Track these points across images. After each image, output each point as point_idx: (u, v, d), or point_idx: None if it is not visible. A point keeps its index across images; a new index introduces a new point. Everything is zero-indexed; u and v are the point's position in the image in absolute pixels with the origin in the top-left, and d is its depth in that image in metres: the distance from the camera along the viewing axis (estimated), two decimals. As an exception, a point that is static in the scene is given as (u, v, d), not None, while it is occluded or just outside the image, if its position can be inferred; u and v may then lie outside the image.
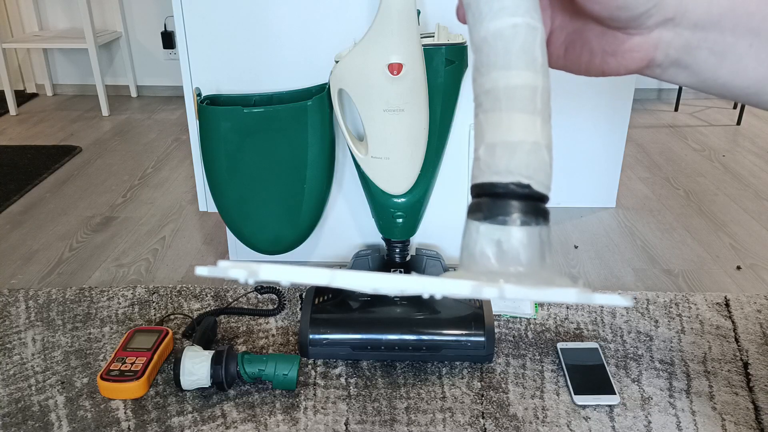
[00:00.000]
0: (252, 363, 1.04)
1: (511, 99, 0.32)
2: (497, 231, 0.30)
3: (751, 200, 1.80)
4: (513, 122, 0.31)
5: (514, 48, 0.32)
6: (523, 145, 0.31)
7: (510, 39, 0.32)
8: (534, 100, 0.32)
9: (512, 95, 0.32)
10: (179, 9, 1.17)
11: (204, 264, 1.48)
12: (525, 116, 0.31)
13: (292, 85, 1.22)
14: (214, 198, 1.20)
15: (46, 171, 2.03)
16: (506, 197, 0.31)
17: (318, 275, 0.27)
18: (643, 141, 2.26)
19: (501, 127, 0.31)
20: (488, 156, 0.31)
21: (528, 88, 0.32)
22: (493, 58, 0.32)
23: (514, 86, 0.32)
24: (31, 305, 1.30)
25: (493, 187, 0.31)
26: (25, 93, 3.01)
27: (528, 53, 0.32)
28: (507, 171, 0.31)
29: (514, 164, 0.31)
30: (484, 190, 0.31)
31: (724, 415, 1.01)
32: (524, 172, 0.31)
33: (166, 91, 2.99)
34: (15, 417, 1.01)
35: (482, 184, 0.31)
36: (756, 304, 1.28)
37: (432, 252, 1.26)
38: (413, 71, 1.02)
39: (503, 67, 0.32)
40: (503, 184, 0.31)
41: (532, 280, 0.29)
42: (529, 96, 0.32)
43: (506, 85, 0.32)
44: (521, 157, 0.31)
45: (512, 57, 0.32)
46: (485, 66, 0.33)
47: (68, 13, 2.91)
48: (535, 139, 0.31)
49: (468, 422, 0.99)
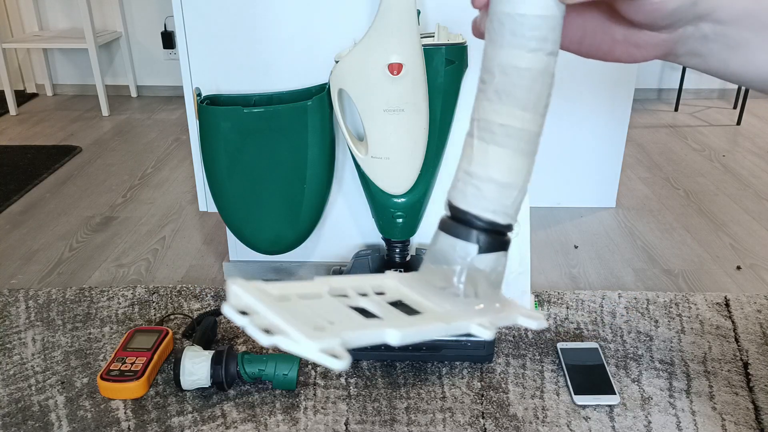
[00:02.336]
0: (252, 363, 1.04)
1: (522, 141, 0.33)
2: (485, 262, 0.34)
3: (751, 200, 1.80)
4: (519, 165, 0.34)
5: (540, 92, 0.33)
6: (521, 190, 0.34)
7: (536, 80, 0.33)
8: (537, 144, 0.34)
9: (523, 137, 0.33)
10: (179, 9, 1.17)
11: (203, 265, 1.48)
12: (528, 160, 0.34)
13: (292, 85, 1.22)
14: (214, 198, 1.20)
15: (46, 171, 2.03)
16: (472, 227, 0.34)
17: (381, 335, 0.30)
18: (643, 141, 2.26)
19: (485, 160, 0.34)
20: (465, 183, 0.34)
21: (536, 135, 0.34)
22: (518, 93, 0.33)
23: (527, 131, 0.33)
24: (31, 305, 1.30)
25: (463, 213, 0.34)
26: (25, 93, 3.01)
27: (546, 98, 0.33)
28: (505, 213, 0.34)
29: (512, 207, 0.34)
30: (456, 213, 0.34)
31: (724, 415, 1.01)
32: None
33: (166, 91, 2.99)
34: (15, 417, 1.01)
35: (455, 206, 0.34)
36: (756, 304, 1.28)
37: (432, 252, 1.26)
38: (413, 71, 1.02)
39: (524, 108, 0.33)
40: (501, 225, 0.34)
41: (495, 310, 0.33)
42: (534, 141, 0.34)
43: (521, 128, 0.33)
44: (518, 200, 0.34)
45: (535, 100, 0.33)
46: (492, 92, 0.33)
47: (68, 13, 2.91)
48: (526, 183, 0.34)
49: (468, 422, 0.99)
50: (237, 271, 1.42)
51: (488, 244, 0.33)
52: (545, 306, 1.27)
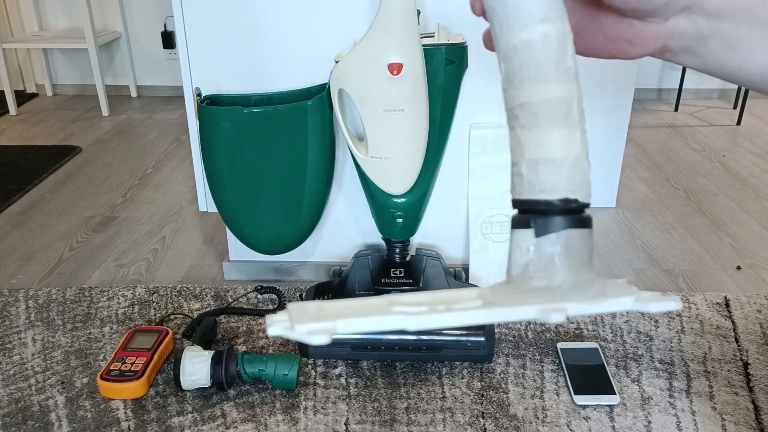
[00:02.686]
0: (252, 363, 1.04)
1: (550, 114, 0.32)
2: (547, 243, 0.31)
3: (751, 200, 1.80)
4: (553, 138, 0.32)
5: (548, 60, 0.32)
6: (566, 162, 0.31)
7: (542, 51, 0.32)
8: (571, 112, 0.32)
9: (550, 110, 0.32)
10: (179, 9, 1.17)
11: (203, 265, 1.48)
12: (564, 131, 0.32)
13: (292, 85, 1.22)
14: (214, 198, 1.20)
15: (46, 171, 2.03)
16: (553, 213, 0.31)
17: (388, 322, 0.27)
18: (643, 141, 2.26)
19: (542, 144, 0.32)
20: (531, 173, 0.32)
21: (565, 102, 0.32)
22: (525, 71, 0.32)
23: (551, 101, 0.32)
24: (31, 305, 1.30)
25: (538, 204, 0.31)
26: (25, 93, 3.01)
27: (561, 64, 0.32)
28: (552, 189, 0.31)
29: (558, 182, 0.31)
30: (530, 207, 0.32)
31: (724, 415, 1.01)
32: (569, 188, 0.31)
33: (166, 91, 2.99)
34: (15, 417, 1.01)
35: (527, 200, 0.32)
36: (756, 304, 1.28)
37: (432, 252, 1.26)
38: (413, 71, 1.02)
39: (538, 80, 0.32)
40: (549, 201, 0.31)
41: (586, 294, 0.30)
42: (566, 109, 0.32)
43: (543, 100, 0.32)
44: (565, 174, 0.31)
45: (547, 70, 0.32)
46: (518, 78, 0.32)
47: (68, 13, 2.91)
48: (576, 153, 0.32)
49: (468, 422, 0.99)
50: (237, 271, 1.42)
51: (543, 225, 0.31)
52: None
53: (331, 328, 0.27)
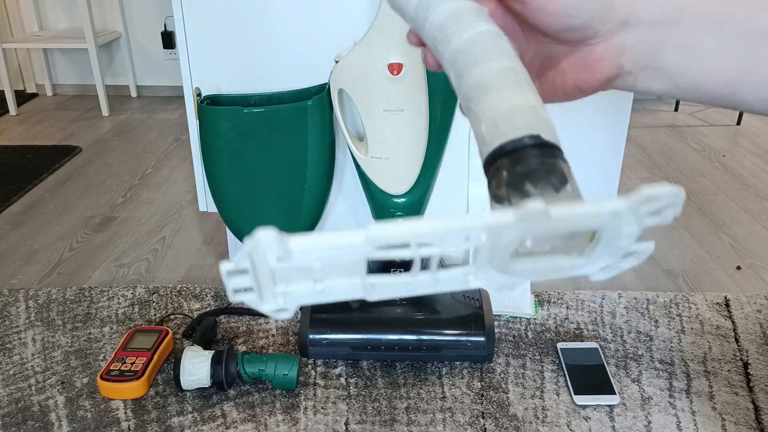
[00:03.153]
0: (252, 363, 1.04)
1: (498, 81, 0.34)
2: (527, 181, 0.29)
3: (751, 200, 1.80)
4: (505, 96, 0.33)
5: (487, 44, 0.35)
6: (521, 108, 0.32)
7: (481, 40, 0.35)
8: (518, 78, 0.34)
9: (497, 78, 0.34)
10: (179, 9, 1.17)
11: (203, 265, 1.48)
12: (515, 90, 0.33)
13: (292, 85, 1.22)
14: (214, 198, 1.20)
15: (46, 171, 2.03)
16: (521, 150, 0.30)
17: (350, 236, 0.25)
18: (643, 141, 2.26)
19: (496, 104, 0.32)
20: (492, 128, 0.31)
21: (508, 69, 0.34)
22: (471, 59, 0.35)
23: (496, 70, 0.34)
24: (31, 305, 1.30)
25: (504, 147, 0.30)
26: (25, 93, 3.01)
27: (500, 47, 0.35)
28: (513, 129, 0.30)
29: (517, 123, 0.31)
30: (497, 155, 0.30)
31: (724, 415, 1.01)
32: (529, 126, 0.31)
33: (166, 91, 2.99)
34: (15, 417, 1.01)
35: (493, 151, 0.30)
36: (756, 304, 1.28)
37: (432, 252, 1.26)
38: (413, 71, 1.02)
39: (481, 61, 0.35)
40: (514, 139, 0.30)
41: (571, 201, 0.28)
42: (512, 76, 0.34)
43: (489, 72, 0.34)
44: (522, 116, 0.31)
45: (487, 51, 0.35)
46: (465, 68, 0.35)
47: (68, 13, 2.91)
48: (529, 103, 0.32)
49: (468, 422, 0.99)
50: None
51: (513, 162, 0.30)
52: (545, 306, 1.27)
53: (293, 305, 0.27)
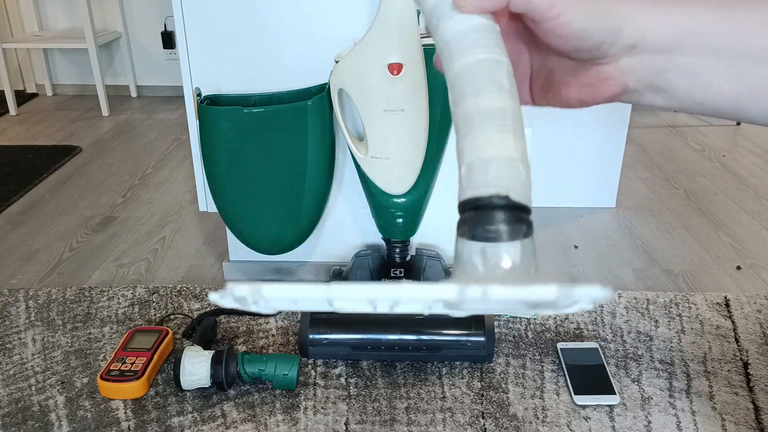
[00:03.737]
0: (252, 363, 1.04)
1: (483, 120, 0.34)
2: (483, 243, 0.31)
3: (751, 200, 1.80)
4: (486, 140, 0.33)
5: (482, 77, 0.35)
6: (497, 160, 0.32)
7: (477, 70, 0.35)
8: (504, 119, 0.34)
9: (483, 117, 0.34)
10: (179, 9, 1.17)
11: (203, 265, 1.48)
12: (497, 134, 0.33)
13: (292, 85, 1.22)
14: (214, 198, 1.20)
15: (46, 171, 2.04)
16: (488, 209, 0.32)
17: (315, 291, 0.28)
18: (643, 141, 2.26)
19: (476, 147, 0.33)
20: (467, 174, 0.33)
21: (497, 110, 0.34)
22: (464, 89, 0.35)
23: (483, 109, 0.34)
24: (31, 305, 1.30)
25: (475, 201, 0.32)
26: (25, 93, 3.01)
27: (493, 80, 0.35)
28: (485, 185, 0.32)
29: (490, 178, 0.32)
30: (468, 206, 0.33)
31: (724, 415, 1.01)
32: (501, 184, 0.32)
33: (166, 91, 2.99)
34: (15, 417, 1.01)
35: (465, 201, 0.33)
36: (756, 304, 1.28)
37: (432, 252, 1.26)
38: (413, 71, 1.02)
39: (473, 93, 0.35)
40: (484, 197, 0.32)
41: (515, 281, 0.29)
42: (498, 116, 0.34)
43: (477, 109, 0.34)
44: (497, 170, 0.32)
45: (480, 84, 0.35)
46: (459, 97, 0.36)
47: (68, 13, 2.91)
48: (508, 155, 0.33)
49: (468, 422, 0.99)
50: (237, 271, 1.42)
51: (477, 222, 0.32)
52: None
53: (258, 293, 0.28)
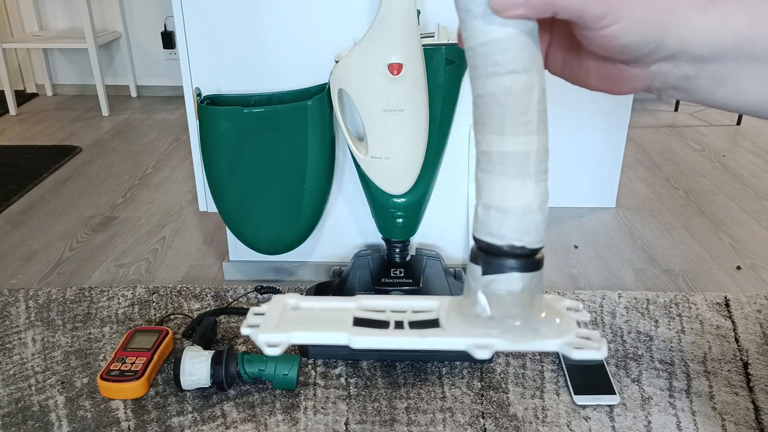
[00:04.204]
0: (252, 363, 1.04)
1: (504, 164, 0.33)
2: (493, 283, 0.34)
3: (751, 200, 1.80)
4: (506, 188, 0.33)
5: (508, 113, 0.33)
6: (514, 212, 0.33)
7: (503, 103, 0.32)
8: (527, 164, 0.33)
9: (505, 161, 0.33)
10: (179, 9, 1.17)
11: (203, 265, 1.48)
12: (517, 182, 0.33)
13: (292, 85, 1.22)
14: (214, 198, 1.20)
15: (46, 171, 2.04)
16: (501, 256, 0.34)
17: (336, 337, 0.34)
18: (643, 141, 2.26)
19: (494, 191, 0.34)
20: (485, 216, 0.34)
21: (520, 154, 0.33)
22: (488, 120, 0.33)
23: (506, 152, 0.33)
24: (31, 305, 1.30)
25: (489, 246, 0.34)
26: (25, 93, 3.01)
27: (521, 116, 0.33)
28: (500, 235, 0.34)
29: (506, 229, 0.33)
30: (482, 247, 0.34)
31: (724, 415, 1.01)
32: (516, 236, 0.33)
33: (166, 91, 2.99)
34: (15, 417, 1.01)
35: (480, 240, 0.35)
36: (756, 304, 1.28)
37: (432, 252, 1.26)
38: (413, 71, 1.02)
39: (497, 132, 0.33)
40: (497, 245, 0.34)
41: (520, 331, 0.34)
42: (520, 162, 0.33)
43: (499, 151, 0.33)
44: (512, 223, 0.33)
45: (506, 122, 0.33)
46: (481, 125, 0.34)
47: (68, 13, 2.91)
48: (525, 205, 0.33)
49: (468, 422, 0.99)
50: (237, 271, 1.42)
51: (489, 265, 0.34)
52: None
53: (285, 341, 0.33)
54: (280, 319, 0.35)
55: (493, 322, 0.34)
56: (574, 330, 0.33)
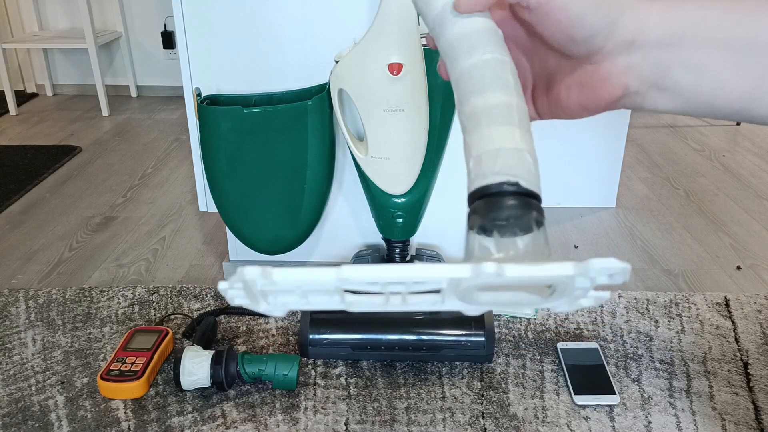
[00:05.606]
0: (252, 363, 1.04)
1: (489, 116, 0.35)
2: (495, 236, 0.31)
3: (751, 200, 1.80)
4: (493, 134, 0.34)
5: (487, 75, 0.36)
6: (505, 150, 0.33)
7: (482, 69, 0.36)
8: (510, 114, 0.35)
9: (489, 112, 0.35)
10: (179, 9, 1.17)
11: (203, 265, 1.48)
12: (504, 127, 0.35)
13: (292, 85, 1.22)
14: (214, 198, 1.20)
15: (46, 171, 2.03)
16: (498, 195, 0.32)
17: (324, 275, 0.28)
18: (643, 141, 2.26)
19: (484, 140, 0.35)
20: (476, 166, 0.34)
21: (503, 105, 0.35)
22: (470, 87, 0.36)
23: (490, 105, 0.35)
24: (31, 305, 1.30)
25: (484, 189, 0.32)
26: (25, 93, 3.01)
27: (499, 78, 0.36)
28: (493, 173, 0.32)
29: (499, 166, 0.33)
30: (477, 195, 0.33)
31: (724, 415, 1.01)
32: (510, 172, 0.32)
33: (166, 91, 2.99)
34: (15, 417, 1.01)
35: (474, 190, 0.33)
36: (756, 304, 1.28)
37: (432, 252, 1.26)
38: (413, 71, 1.02)
39: (479, 91, 0.36)
40: (493, 185, 0.32)
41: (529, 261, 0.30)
42: (505, 111, 0.35)
43: (483, 105, 0.35)
44: (505, 160, 0.33)
45: (486, 81, 0.36)
46: (464, 95, 0.37)
47: (68, 13, 2.91)
48: (515, 145, 0.34)
49: (468, 422, 0.99)
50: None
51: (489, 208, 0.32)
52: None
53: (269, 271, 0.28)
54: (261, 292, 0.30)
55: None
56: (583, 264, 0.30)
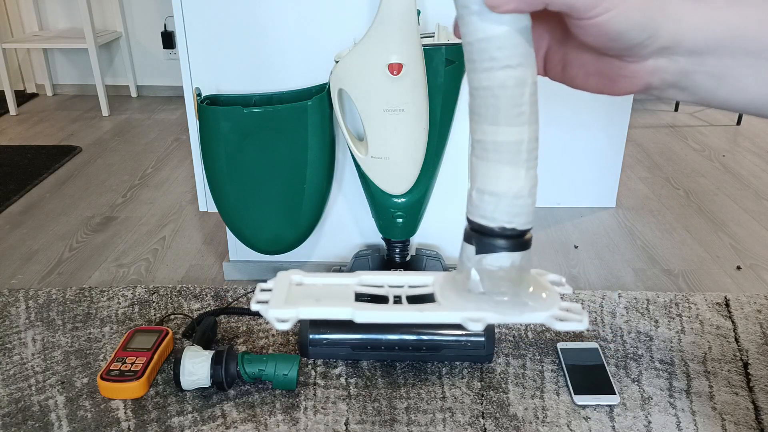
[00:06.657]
0: (252, 363, 1.04)
1: (498, 152, 0.36)
2: (485, 261, 0.37)
3: (751, 200, 1.80)
4: (499, 174, 0.36)
5: (502, 105, 0.35)
6: (506, 196, 0.36)
7: (498, 96, 0.35)
8: (519, 152, 0.36)
9: (498, 149, 0.36)
10: (179, 9, 1.17)
11: (203, 265, 1.48)
12: (509, 169, 0.36)
13: (292, 85, 1.22)
14: (214, 198, 1.20)
15: (46, 171, 2.03)
16: (493, 237, 0.37)
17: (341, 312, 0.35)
18: (643, 141, 2.26)
19: (488, 177, 0.37)
20: (479, 200, 0.37)
21: (513, 144, 0.36)
22: (483, 111, 0.36)
23: (499, 142, 0.36)
24: (31, 305, 1.30)
25: (482, 227, 0.37)
26: (25, 93, 3.01)
27: (515, 108, 0.35)
28: (492, 218, 0.36)
29: (498, 213, 0.36)
30: (476, 228, 0.37)
31: (724, 415, 1.01)
32: (507, 218, 0.36)
33: (166, 91, 2.99)
34: (15, 417, 1.01)
35: (474, 222, 0.37)
36: (756, 304, 1.28)
37: (432, 252, 1.26)
38: (413, 71, 1.02)
39: (491, 122, 0.36)
40: (489, 227, 0.37)
41: (509, 304, 0.36)
42: (513, 150, 0.36)
43: (493, 140, 0.36)
44: (504, 206, 0.36)
45: (500, 114, 0.35)
46: (477, 115, 0.37)
47: (68, 13, 2.91)
48: (517, 190, 0.36)
49: (468, 422, 0.99)
50: (237, 271, 1.42)
51: (482, 245, 0.37)
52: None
53: (294, 316, 0.35)
54: (287, 294, 0.36)
55: (484, 297, 0.37)
56: (558, 303, 0.36)
